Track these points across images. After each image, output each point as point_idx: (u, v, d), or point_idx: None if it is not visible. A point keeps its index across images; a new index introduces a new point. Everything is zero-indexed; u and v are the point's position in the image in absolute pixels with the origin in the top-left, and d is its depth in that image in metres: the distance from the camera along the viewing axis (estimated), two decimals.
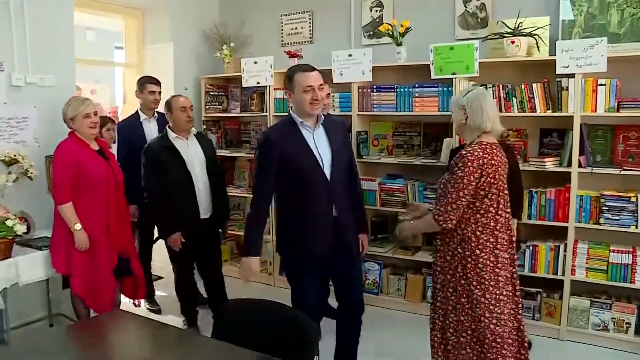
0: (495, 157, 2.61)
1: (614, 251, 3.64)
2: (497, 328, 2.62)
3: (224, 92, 5.50)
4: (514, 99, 3.88)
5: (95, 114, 3.44)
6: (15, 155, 3.63)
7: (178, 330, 2.53)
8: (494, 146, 2.66)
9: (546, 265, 3.86)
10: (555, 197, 3.80)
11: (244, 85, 5.04)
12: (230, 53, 5.25)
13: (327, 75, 4.35)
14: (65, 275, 3.48)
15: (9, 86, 3.70)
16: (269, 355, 1.97)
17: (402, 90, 4.28)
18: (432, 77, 4.07)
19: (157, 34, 5.25)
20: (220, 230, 4.07)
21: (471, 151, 2.60)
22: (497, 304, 2.63)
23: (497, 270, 2.64)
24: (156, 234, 4.31)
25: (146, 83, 4.33)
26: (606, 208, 3.64)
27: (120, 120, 4.71)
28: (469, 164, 2.57)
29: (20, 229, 3.28)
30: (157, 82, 4.39)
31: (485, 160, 2.57)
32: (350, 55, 4.40)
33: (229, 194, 4.40)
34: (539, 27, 3.90)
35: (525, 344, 2.74)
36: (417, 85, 4.23)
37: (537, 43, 3.93)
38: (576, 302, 3.80)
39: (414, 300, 4.34)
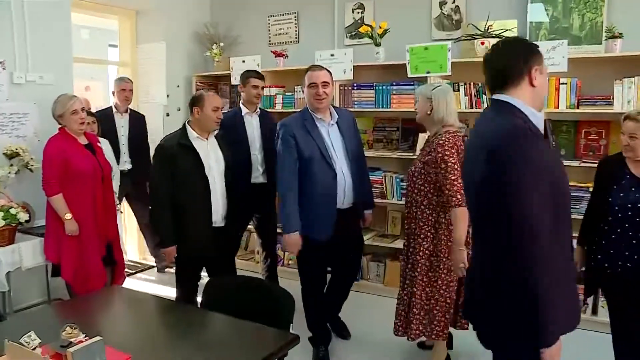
0: (461, 145, 2.95)
1: (574, 237, 3.91)
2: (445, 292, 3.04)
3: (215, 89, 5.73)
4: (484, 96, 4.17)
5: (82, 110, 3.62)
6: (16, 149, 3.86)
7: (168, 302, 2.75)
8: (457, 135, 3.00)
9: None
10: None
11: (233, 83, 5.27)
12: (220, 52, 5.49)
13: None
14: (55, 263, 3.67)
15: (11, 84, 3.94)
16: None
17: (380, 88, 4.55)
18: (409, 76, 4.34)
19: (150, 33, 5.46)
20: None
21: (445, 139, 2.93)
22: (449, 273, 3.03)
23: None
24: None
25: (249, 77, 4.15)
26: None
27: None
28: (451, 148, 2.90)
29: (23, 216, 3.53)
30: (261, 77, 4.24)
31: (456, 145, 2.92)
32: (332, 55, 4.66)
33: None
34: (507, 30, 4.17)
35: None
36: (394, 83, 4.51)
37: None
38: None
39: (393, 285, 4.60)
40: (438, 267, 3.03)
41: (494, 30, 4.18)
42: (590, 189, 3.78)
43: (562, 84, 3.89)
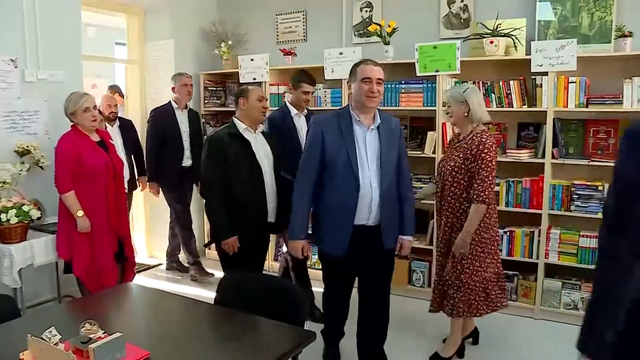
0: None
1: (583, 236, 3.94)
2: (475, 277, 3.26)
3: (222, 87, 5.76)
4: (492, 95, 4.18)
5: (94, 108, 3.65)
6: (27, 147, 3.88)
7: (182, 298, 2.76)
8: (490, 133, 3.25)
9: (522, 250, 4.17)
10: (530, 186, 4.10)
11: (241, 81, 5.27)
12: (228, 50, 5.51)
13: (319, 72, 4.66)
14: (67, 260, 3.68)
15: (23, 82, 3.96)
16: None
17: (389, 86, 4.56)
18: (417, 74, 4.36)
19: (158, 31, 5.48)
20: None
21: (487, 137, 3.16)
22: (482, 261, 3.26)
23: (492, 231, 3.27)
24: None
25: (302, 82, 4.07)
26: (576, 196, 3.94)
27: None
28: (492, 147, 3.12)
29: (35, 214, 3.55)
30: (313, 82, 4.15)
31: (494, 143, 3.18)
32: (341, 54, 4.68)
33: None
34: (516, 28, 4.19)
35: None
36: (403, 82, 4.52)
37: (514, 43, 4.23)
38: (549, 283, 4.10)
39: (401, 283, 4.62)
40: (474, 255, 3.24)
41: (502, 29, 4.20)
42: (599, 187, 3.84)
43: (571, 82, 3.89)
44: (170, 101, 4.92)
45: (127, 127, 5.00)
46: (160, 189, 5.01)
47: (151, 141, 4.89)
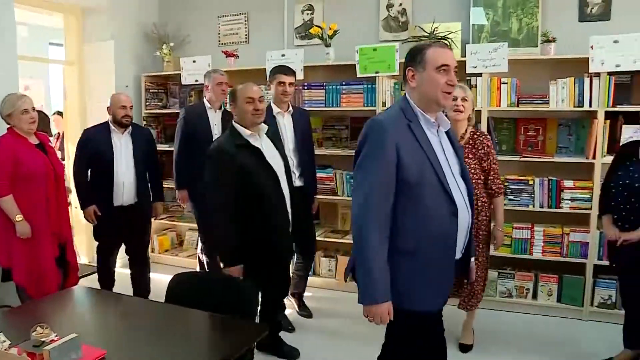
0: None
1: (516, 228, 4.17)
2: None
3: (164, 89, 5.71)
4: None
5: (33, 109, 3.55)
6: None
7: (132, 298, 2.77)
8: None
9: None
10: None
11: (182, 83, 5.28)
12: (169, 52, 5.48)
13: (262, 74, 4.72)
14: (5, 267, 3.58)
15: None
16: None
17: (330, 87, 4.68)
18: (358, 76, 4.48)
19: (97, 32, 5.37)
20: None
21: (484, 134, 3.46)
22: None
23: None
24: None
25: (275, 73, 3.82)
26: (509, 190, 4.17)
27: None
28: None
29: None
30: (288, 71, 3.84)
31: None
32: (283, 55, 4.75)
33: (166, 186, 4.61)
34: (451, 32, 4.39)
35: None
36: (344, 83, 4.64)
37: (450, 46, 4.41)
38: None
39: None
40: (487, 249, 3.50)
41: (439, 32, 4.38)
42: (530, 182, 4.08)
43: (503, 83, 4.12)
44: (203, 100, 4.41)
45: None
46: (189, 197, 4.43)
47: (182, 143, 4.30)
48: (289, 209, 3.10)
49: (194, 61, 5.19)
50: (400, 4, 4.78)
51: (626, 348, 3.26)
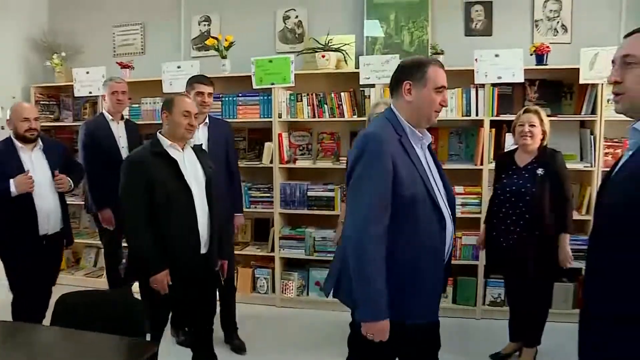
0: None
1: None
2: None
3: (56, 101, 5.44)
4: (325, 105, 4.39)
5: None
6: None
7: (12, 323, 2.58)
8: None
9: None
10: None
11: (76, 95, 5.05)
12: (61, 62, 5.24)
13: (157, 85, 4.60)
14: None
15: None
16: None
17: (227, 99, 4.63)
18: (254, 87, 4.46)
19: None
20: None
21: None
22: None
23: None
24: None
25: (192, 83, 3.63)
26: None
27: None
28: None
29: None
30: (208, 82, 3.66)
31: None
32: (179, 67, 4.64)
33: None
34: (346, 44, 4.46)
35: None
36: (240, 94, 4.61)
37: (344, 57, 4.48)
38: None
39: (244, 291, 4.62)
40: None
41: (333, 44, 4.44)
42: None
43: None
44: (102, 112, 4.15)
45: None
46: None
47: (89, 161, 3.94)
48: (203, 227, 2.88)
49: (87, 72, 4.98)
50: (297, 17, 4.81)
51: (511, 341, 3.57)
